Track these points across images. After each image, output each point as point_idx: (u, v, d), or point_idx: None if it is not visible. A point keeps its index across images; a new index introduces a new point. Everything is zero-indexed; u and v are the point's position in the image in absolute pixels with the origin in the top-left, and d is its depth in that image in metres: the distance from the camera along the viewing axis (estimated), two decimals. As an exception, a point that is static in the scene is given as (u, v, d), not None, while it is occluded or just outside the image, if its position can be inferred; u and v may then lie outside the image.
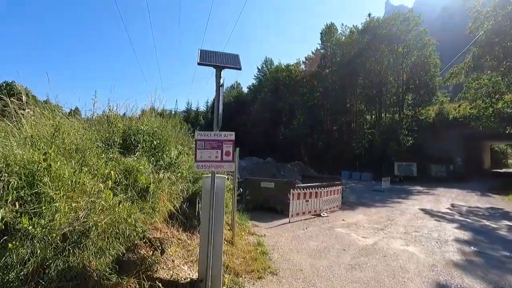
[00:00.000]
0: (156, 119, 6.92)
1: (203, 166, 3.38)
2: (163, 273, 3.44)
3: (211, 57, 3.53)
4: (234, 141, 3.47)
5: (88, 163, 3.66)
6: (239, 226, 7.44)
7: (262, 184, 10.82)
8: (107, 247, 2.68)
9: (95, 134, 4.77)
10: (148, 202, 4.07)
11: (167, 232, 4.25)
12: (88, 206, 2.87)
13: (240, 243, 5.83)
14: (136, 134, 5.52)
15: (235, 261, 4.81)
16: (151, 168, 4.57)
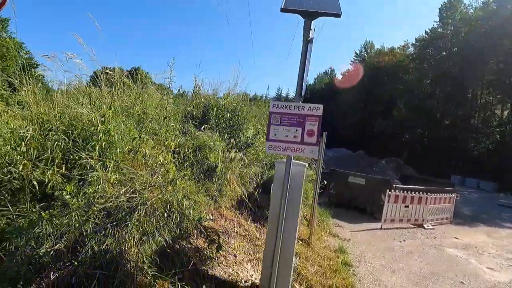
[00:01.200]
0: (238, 96, 6.49)
1: (276, 147, 2.58)
2: (219, 270, 2.87)
3: (299, 2, 2.61)
4: (321, 117, 2.53)
5: (156, 133, 3.36)
6: (318, 223, 6.48)
7: (351, 178, 9.41)
8: (153, 232, 2.22)
9: (172, 105, 4.57)
10: (214, 183, 3.58)
11: (233, 220, 3.71)
12: (142, 179, 2.48)
13: (318, 245, 4.91)
14: (215, 109, 5.15)
15: (309, 268, 3.94)
16: (223, 146, 4.07)
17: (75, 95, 3.25)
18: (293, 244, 2.78)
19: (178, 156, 3.44)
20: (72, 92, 3.56)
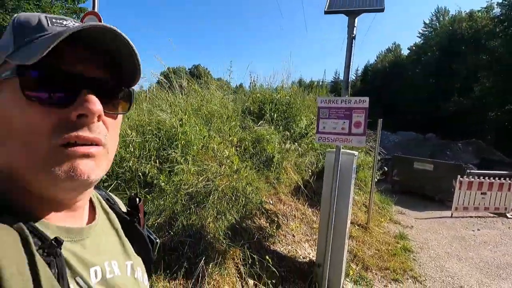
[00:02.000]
0: (292, 89, 6.76)
1: (325, 138, 2.85)
2: (280, 246, 3.32)
3: (342, 1, 2.78)
4: (368, 109, 2.70)
5: (221, 130, 3.93)
6: (378, 210, 6.45)
7: (416, 164, 8.91)
8: (224, 212, 2.76)
9: (232, 104, 5.13)
10: (272, 172, 4.01)
11: (291, 205, 4.10)
12: (213, 170, 3.04)
13: (376, 230, 4.99)
14: (270, 103, 5.56)
15: (366, 251, 4.13)
16: (279, 138, 4.46)
17: (157, 100, 4.03)
18: (345, 227, 3.04)
19: (239, 149, 3.97)
20: (152, 97, 4.38)
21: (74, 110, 0.40)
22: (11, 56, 0.40)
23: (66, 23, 0.44)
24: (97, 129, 0.43)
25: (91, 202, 0.56)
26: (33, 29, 0.41)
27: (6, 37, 0.43)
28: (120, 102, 0.50)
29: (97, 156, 0.43)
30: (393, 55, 49.31)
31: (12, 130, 0.40)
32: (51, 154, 0.39)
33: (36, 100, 0.39)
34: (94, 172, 0.43)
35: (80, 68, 0.42)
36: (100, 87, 0.43)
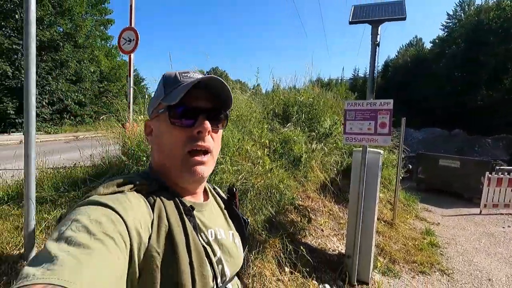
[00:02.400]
0: (314, 90, 6.98)
1: (352, 139, 3.08)
2: (311, 239, 3.58)
3: (366, 12, 3.00)
4: (392, 110, 2.90)
5: (252, 133, 4.24)
6: (403, 208, 6.53)
7: (442, 161, 8.82)
8: (261, 207, 3.06)
9: (259, 107, 5.43)
10: (300, 171, 4.27)
11: (318, 202, 4.34)
12: (248, 169, 3.36)
13: (402, 227, 5.11)
14: (294, 105, 5.82)
15: (392, 245, 4.29)
16: (305, 138, 4.70)
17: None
18: (373, 221, 3.25)
19: (268, 150, 4.26)
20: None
21: (195, 129, 0.66)
22: (163, 100, 0.68)
23: (189, 74, 0.70)
24: (208, 140, 0.68)
25: (204, 189, 0.81)
26: (173, 81, 0.69)
27: (160, 87, 0.71)
28: (221, 121, 0.73)
29: (207, 161, 0.69)
30: (415, 49, 47.67)
31: (165, 144, 0.68)
32: (183, 161, 0.66)
33: (177, 125, 0.66)
34: (206, 172, 0.69)
35: (198, 102, 0.67)
36: (209, 113, 0.68)
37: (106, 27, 21.84)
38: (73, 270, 0.39)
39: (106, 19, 21.21)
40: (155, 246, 0.54)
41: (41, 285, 0.36)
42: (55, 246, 0.43)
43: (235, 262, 0.73)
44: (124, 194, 0.57)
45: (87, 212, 0.49)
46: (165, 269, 0.54)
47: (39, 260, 0.40)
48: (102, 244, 0.45)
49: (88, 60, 19.19)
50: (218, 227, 0.72)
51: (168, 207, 0.61)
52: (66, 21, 17.08)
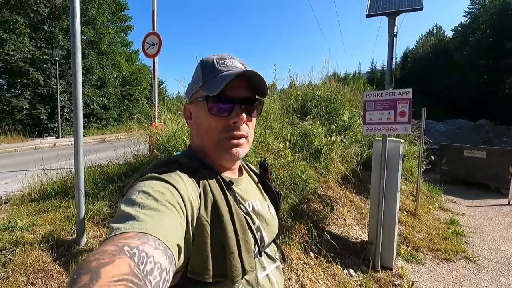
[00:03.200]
0: (331, 84, 7.04)
1: (372, 129, 3.18)
2: (334, 228, 3.71)
3: (382, 4, 3.08)
4: (411, 99, 2.97)
5: (272, 127, 4.41)
6: (426, 198, 6.47)
7: (466, 152, 8.58)
8: (285, 196, 3.23)
9: (278, 102, 5.59)
10: (321, 162, 4.39)
11: (339, 193, 4.45)
12: (271, 161, 3.53)
13: (426, 217, 5.10)
14: (312, 100, 5.92)
15: (416, 234, 4.32)
16: (324, 131, 4.81)
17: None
18: (395, 209, 3.32)
19: (289, 143, 4.41)
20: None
21: (231, 119, 0.70)
22: (202, 87, 0.71)
23: (226, 62, 0.73)
24: (243, 128, 0.72)
25: (240, 167, 0.86)
26: (211, 69, 0.72)
27: (198, 73, 0.75)
28: (256, 108, 0.76)
29: (243, 144, 0.73)
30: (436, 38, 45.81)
31: (203, 129, 0.73)
32: (220, 143, 0.71)
33: (214, 114, 0.70)
34: (241, 153, 0.73)
35: (235, 92, 0.70)
36: (245, 102, 0.72)
37: (126, 33, 22.73)
38: (153, 224, 0.47)
39: (126, 26, 22.07)
40: (205, 216, 0.61)
41: (132, 233, 0.44)
42: (131, 209, 0.50)
43: (272, 229, 0.79)
44: (173, 172, 0.64)
45: (150, 185, 0.57)
46: (214, 236, 0.60)
47: (122, 219, 0.49)
48: (167, 209, 0.53)
49: (110, 66, 20.08)
50: (254, 199, 0.78)
51: (211, 182, 0.68)
52: (90, 30, 17.95)
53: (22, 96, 14.92)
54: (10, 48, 14.01)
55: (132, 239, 0.43)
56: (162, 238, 0.46)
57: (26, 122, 14.66)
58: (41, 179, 4.08)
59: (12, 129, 12.41)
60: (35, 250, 2.50)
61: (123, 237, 0.43)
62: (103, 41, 18.72)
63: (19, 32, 14.43)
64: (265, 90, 0.74)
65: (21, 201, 3.71)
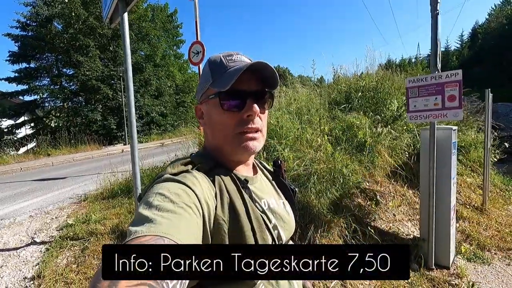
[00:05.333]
0: (378, 73, 6.62)
1: (417, 117, 2.96)
2: (381, 223, 3.53)
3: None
4: (462, 81, 2.68)
5: (311, 122, 4.38)
6: (500, 193, 5.66)
7: (553, 137, 7.25)
8: (325, 191, 3.20)
9: (319, 97, 5.50)
10: (366, 156, 4.21)
11: (388, 187, 4.20)
12: (311, 156, 3.53)
13: (496, 213, 4.49)
14: (356, 91, 5.68)
15: (482, 231, 3.85)
16: (369, 123, 4.59)
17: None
18: (449, 203, 3.03)
19: (331, 138, 4.32)
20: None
21: (244, 113, 0.69)
22: (212, 85, 0.71)
23: (233, 58, 0.73)
24: (257, 122, 0.71)
25: (254, 165, 0.85)
26: (219, 66, 0.72)
27: (206, 72, 0.74)
28: (267, 101, 0.76)
29: (257, 138, 0.72)
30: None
31: (217, 126, 0.72)
32: (235, 138, 0.70)
33: (226, 109, 0.69)
34: (257, 147, 0.72)
35: (246, 86, 0.69)
36: (256, 95, 0.71)
37: (178, 46, 24.67)
38: (170, 227, 0.48)
39: (178, 40, 24.03)
40: (221, 215, 0.61)
41: (149, 236, 0.44)
42: (149, 212, 0.50)
43: (289, 227, 0.78)
44: (189, 172, 0.64)
45: (166, 187, 0.57)
46: (231, 235, 0.60)
47: (140, 222, 0.49)
48: (184, 211, 0.53)
49: (165, 76, 21.89)
50: (269, 197, 0.78)
51: (226, 181, 0.68)
52: (145, 45, 19.86)
53: (96, 110, 17.27)
54: (85, 69, 16.32)
55: (148, 243, 0.43)
56: (179, 241, 0.46)
57: (100, 132, 16.93)
58: (110, 181, 4.73)
59: (89, 139, 14.44)
60: (105, 239, 2.95)
61: (139, 241, 0.44)
62: (157, 54, 20.53)
63: (91, 54, 16.70)
64: (275, 82, 0.73)
65: (95, 199, 4.37)
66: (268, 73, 0.71)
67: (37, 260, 2.75)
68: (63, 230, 3.26)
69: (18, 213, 4.10)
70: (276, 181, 0.89)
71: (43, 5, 15.95)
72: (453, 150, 3.03)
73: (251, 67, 0.66)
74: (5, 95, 16.94)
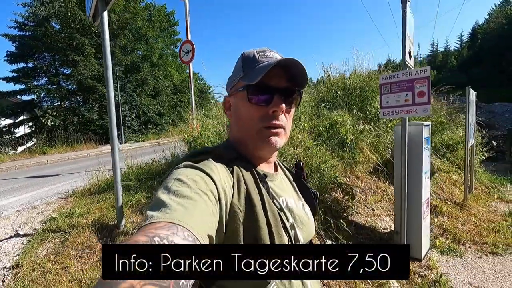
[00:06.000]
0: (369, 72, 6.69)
1: (390, 113, 3.03)
2: (359, 217, 3.61)
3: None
4: (430, 77, 2.76)
5: (295, 119, 4.45)
6: (485, 190, 5.76)
7: (541, 135, 7.34)
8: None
9: (309, 95, 5.58)
10: (347, 152, 4.28)
11: (369, 183, 4.28)
12: (291, 153, 3.60)
13: (478, 209, 4.57)
14: (344, 90, 5.76)
15: (460, 226, 3.92)
16: (351, 120, 4.66)
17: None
18: (420, 198, 3.10)
19: (313, 135, 4.40)
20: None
21: (270, 108, 0.69)
22: (242, 78, 0.71)
23: (267, 53, 0.73)
24: (282, 119, 0.71)
25: (275, 163, 0.84)
26: (251, 60, 0.72)
27: (238, 66, 0.75)
28: (295, 100, 0.74)
29: (280, 134, 0.71)
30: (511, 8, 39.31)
31: (242, 118, 0.73)
32: (259, 133, 0.70)
33: (253, 103, 0.69)
34: (279, 143, 0.71)
35: (275, 82, 0.69)
36: (284, 92, 0.71)
37: (175, 46, 24.69)
38: (184, 214, 0.48)
39: (175, 39, 24.01)
40: (237, 204, 0.60)
41: (163, 223, 0.45)
42: (166, 197, 0.52)
43: (308, 230, 0.77)
44: (209, 160, 0.65)
45: (185, 173, 0.58)
46: (246, 226, 0.59)
47: (157, 206, 0.50)
48: (200, 197, 0.53)
49: (163, 76, 21.99)
50: (288, 197, 0.76)
51: (245, 173, 0.67)
52: (142, 45, 19.94)
53: (93, 109, 17.35)
54: (81, 68, 16.41)
55: (162, 229, 0.44)
56: (191, 229, 0.46)
57: (97, 131, 17.01)
58: (97, 177, 4.82)
59: (86, 138, 14.52)
60: (85, 232, 3.03)
61: (154, 227, 0.44)
62: (154, 54, 20.62)
63: (86, 53, 16.79)
64: (304, 81, 0.73)
65: (82, 194, 4.45)
66: (298, 71, 0.70)
67: (18, 251, 2.83)
68: (46, 224, 3.34)
69: (6, 208, 4.18)
70: (297, 183, 0.87)
71: (40, 5, 16.04)
72: (425, 145, 3.10)
73: (280, 62, 0.66)
74: (3, 94, 17.04)
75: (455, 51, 62.16)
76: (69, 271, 2.45)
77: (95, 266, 2.52)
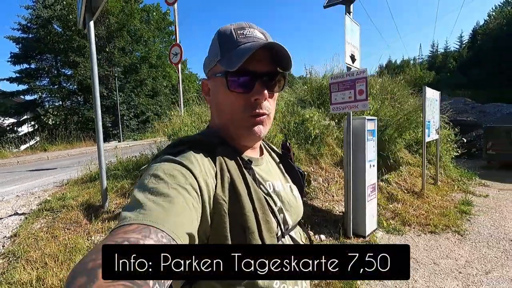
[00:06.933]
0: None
1: (337, 108, 3.50)
2: (317, 202, 4.07)
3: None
4: (367, 78, 3.22)
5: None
6: (450, 182, 6.18)
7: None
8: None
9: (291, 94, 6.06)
10: (314, 145, 4.75)
11: (334, 173, 4.73)
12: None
13: (434, 198, 5.01)
14: (318, 89, 6.23)
15: (411, 211, 4.37)
16: (318, 116, 5.12)
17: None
18: (363, 182, 3.55)
19: (285, 130, 4.87)
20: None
21: (252, 96, 0.65)
22: (220, 61, 0.66)
23: (245, 32, 0.67)
24: (265, 105, 0.68)
25: (260, 146, 0.81)
26: (229, 40, 0.66)
27: (215, 45, 0.69)
28: (278, 83, 0.71)
29: (264, 122, 0.69)
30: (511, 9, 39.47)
31: (222, 106, 0.70)
32: (243, 121, 0.67)
33: (233, 90, 0.65)
34: (263, 132, 0.69)
35: (256, 66, 0.65)
36: (267, 77, 0.67)
37: (173, 46, 25.25)
38: (159, 214, 0.47)
39: (173, 39, 24.49)
40: (221, 195, 0.58)
41: (135, 225, 0.44)
42: (142, 196, 0.50)
43: (296, 211, 0.76)
44: (189, 151, 0.61)
45: (162, 168, 0.56)
46: (232, 216, 0.58)
47: (132, 207, 0.49)
48: (178, 193, 0.51)
49: (161, 76, 22.55)
50: (275, 180, 0.75)
51: (228, 161, 0.64)
52: (140, 47, 20.51)
53: (93, 109, 17.91)
54: (81, 69, 17.02)
55: (133, 233, 0.42)
56: (167, 230, 0.45)
57: (97, 130, 17.60)
58: (90, 168, 5.32)
59: (85, 136, 15.09)
60: (74, 210, 3.53)
61: (124, 231, 0.43)
62: (152, 55, 21.21)
63: (87, 55, 17.38)
64: (289, 64, 0.68)
65: (75, 182, 4.95)
66: (282, 53, 0.66)
67: (17, 226, 3.33)
68: (41, 205, 3.84)
69: (7, 194, 4.69)
70: (284, 164, 0.86)
71: (43, 8, 16.67)
72: (368, 137, 3.56)
73: (262, 47, 0.62)
74: (7, 94, 17.68)
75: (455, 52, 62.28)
76: (58, 239, 2.94)
77: (80, 235, 3.01)
